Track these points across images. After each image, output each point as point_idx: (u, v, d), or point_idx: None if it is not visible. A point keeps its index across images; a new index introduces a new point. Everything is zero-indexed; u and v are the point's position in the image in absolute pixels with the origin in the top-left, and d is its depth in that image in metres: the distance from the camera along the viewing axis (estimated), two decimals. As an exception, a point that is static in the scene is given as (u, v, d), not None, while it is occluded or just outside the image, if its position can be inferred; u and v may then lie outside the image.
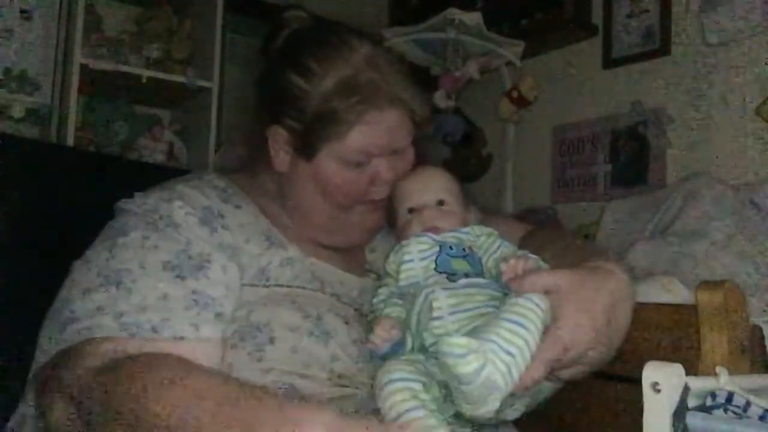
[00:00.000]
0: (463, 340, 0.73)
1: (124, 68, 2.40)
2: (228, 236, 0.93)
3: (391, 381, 0.80)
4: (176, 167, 2.45)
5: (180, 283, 0.85)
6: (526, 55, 2.33)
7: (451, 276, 0.93)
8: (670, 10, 2.00)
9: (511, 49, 2.31)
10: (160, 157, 2.54)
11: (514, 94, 2.34)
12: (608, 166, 2.16)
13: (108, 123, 2.54)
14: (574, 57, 2.28)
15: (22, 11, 2.41)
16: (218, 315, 0.87)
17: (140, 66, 2.46)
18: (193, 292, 0.86)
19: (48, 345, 0.84)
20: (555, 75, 2.33)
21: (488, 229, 1.02)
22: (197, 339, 0.83)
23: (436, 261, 0.95)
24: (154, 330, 0.81)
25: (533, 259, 0.89)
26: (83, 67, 2.29)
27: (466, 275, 0.93)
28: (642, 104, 2.06)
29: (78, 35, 2.30)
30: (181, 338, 0.82)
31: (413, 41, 2.39)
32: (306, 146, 1.01)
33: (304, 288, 0.96)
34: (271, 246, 0.97)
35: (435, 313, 0.87)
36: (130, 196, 0.96)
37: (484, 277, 0.94)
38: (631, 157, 2.08)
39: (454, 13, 2.25)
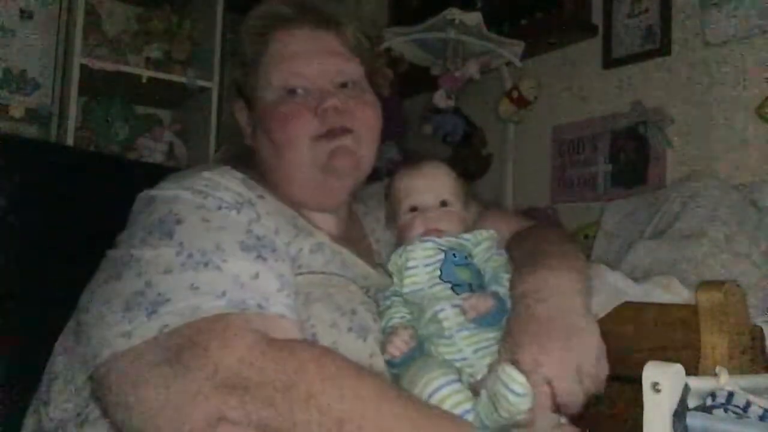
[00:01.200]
0: (522, 379, 0.78)
1: (124, 68, 2.41)
2: (264, 223, 0.91)
3: (441, 386, 0.82)
4: (176, 167, 2.45)
5: (265, 264, 0.84)
6: (526, 55, 2.32)
7: (456, 286, 0.93)
8: (670, 10, 2.00)
9: (511, 49, 2.31)
10: (160, 157, 2.55)
11: (514, 94, 2.34)
12: (608, 166, 2.16)
13: (108, 123, 2.54)
14: (574, 57, 2.28)
15: (22, 11, 2.42)
16: (294, 300, 0.86)
17: (140, 66, 2.47)
18: (280, 274, 0.84)
19: (125, 330, 0.76)
20: (555, 75, 2.33)
21: (488, 233, 1.02)
22: (293, 320, 0.83)
23: (440, 269, 0.95)
24: (259, 306, 0.79)
25: (493, 303, 0.90)
26: (83, 67, 2.29)
27: (470, 285, 0.94)
28: (642, 104, 2.05)
29: (78, 35, 2.31)
30: (284, 316, 0.81)
31: (413, 41, 2.39)
32: (246, 89, 1.02)
33: (336, 275, 0.95)
34: (299, 233, 0.94)
35: (446, 332, 0.89)
36: (130, 195, 0.95)
37: (484, 289, 0.95)
38: (631, 157, 2.08)
39: (454, 13, 2.25)
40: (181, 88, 2.52)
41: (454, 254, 0.97)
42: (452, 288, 0.93)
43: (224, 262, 0.81)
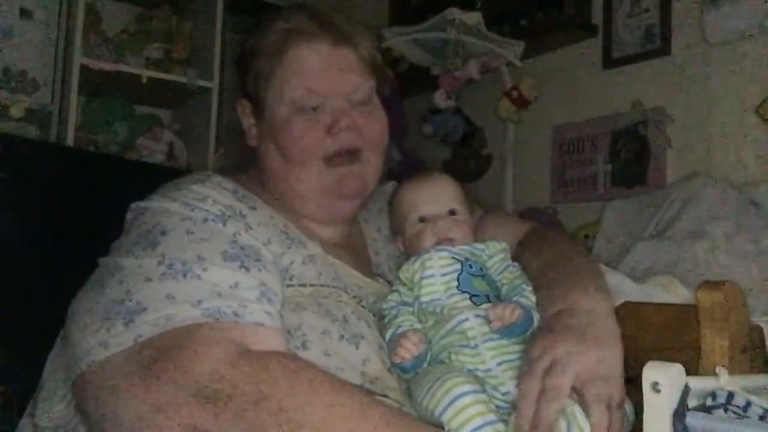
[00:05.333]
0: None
1: (124, 68, 2.40)
2: (254, 235, 0.91)
3: (465, 393, 0.80)
4: (176, 167, 2.45)
5: (247, 273, 0.83)
6: (526, 55, 2.32)
7: (474, 297, 0.93)
8: (670, 10, 2.00)
9: (511, 49, 2.31)
10: (160, 157, 2.54)
11: (514, 94, 2.34)
12: (608, 166, 2.16)
13: (108, 123, 2.54)
14: (574, 57, 2.28)
15: (22, 11, 2.41)
16: (279, 310, 0.86)
17: (140, 66, 2.46)
18: (261, 283, 0.84)
19: (103, 340, 0.77)
20: (555, 75, 2.33)
21: (501, 245, 1.02)
22: (272, 328, 0.82)
23: (458, 279, 0.95)
24: (236, 314, 0.79)
25: (519, 312, 0.89)
26: (83, 67, 2.29)
27: (487, 296, 0.94)
28: (642, 104, 2.05)
29: (78, 35, 2.30)
30: (262, 324, 0.81)
31: (413, 41, 2.39)
32: (257, 99, 1.01)
33: (328, 286, 0.95)
34: (292, 244, 0.95)
35: (470, 342, 0.89)
36: (130, 195, 0.95)
37: (500, 299, 0.95)
38: (631, 157, 2.08)
39: (454, 13, 2.25)
40: (181, 88, 2.52)
41: (470, 265, 0.97)
42: (470, 298, 0.93)
43: (204, 271, 0.81)
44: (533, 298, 0.93)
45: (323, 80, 0.99)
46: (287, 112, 0.99)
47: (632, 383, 0.81)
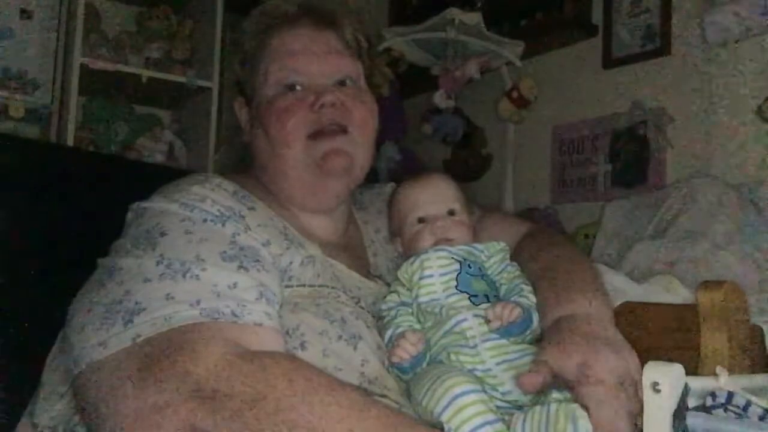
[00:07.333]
0: None
1: (124, 68, 2.41)
2: (253, 235, 0.91)
3: (466, 392, 0.80)
4: (176, 167, 2.45)
5: (246, 274, 0.83)
6: (526, 55, 2.32)
7: (472, 297, 0.93)
8: (670, 10, 2.00)
9: (511, 49, 2.31)
10: (160, 157, 2.54)
11: (514, 94, 2.34)
12: (608, 166, 2.16)
13: (108, 123, 2.54)
14: (574, 57, 2.28)
15: (22, 11, 2.42)
16: (277, 310, 0.86)
17: (140, 66, 2.47)
18: (260, 283, 0.84)
19: (102, 340, 0.77)
20: (555, 75, 2.33)
21: (500, 246, 1.02)
22: (271, 328, 0.82)
23: (456, 279, 0.95)
24: (234, 314, 0.79)
25: (518, 312, 0.88)
26: (83, 67, 2.29)
27: (486, 296, 0.94)
28: (642, 104, 2.05)
29: (78, 35, 2.31)
30: (260, 324, 0.80)
31: (413, 41, 2.39)
32: (246, 86, 1.03)
33: (326, 287, 0.95)
34: (290, 245, 0.94)
35: (470, 342, 0.89)
36: (130, 195, 0.95)
37: (499, 299, 0.94)
38: (631, 157, 2.08)
39: (454, 13, 2.25)
40: (181, 88, 2.52)
41: (469, 265, 0.97)
42: (469, 298, 0.93)
43: (203, 272, 0.81)
44: (533, 298, 0.93)
45: (306, 62, 1.00)
46: (272, 94, 1.00)
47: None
